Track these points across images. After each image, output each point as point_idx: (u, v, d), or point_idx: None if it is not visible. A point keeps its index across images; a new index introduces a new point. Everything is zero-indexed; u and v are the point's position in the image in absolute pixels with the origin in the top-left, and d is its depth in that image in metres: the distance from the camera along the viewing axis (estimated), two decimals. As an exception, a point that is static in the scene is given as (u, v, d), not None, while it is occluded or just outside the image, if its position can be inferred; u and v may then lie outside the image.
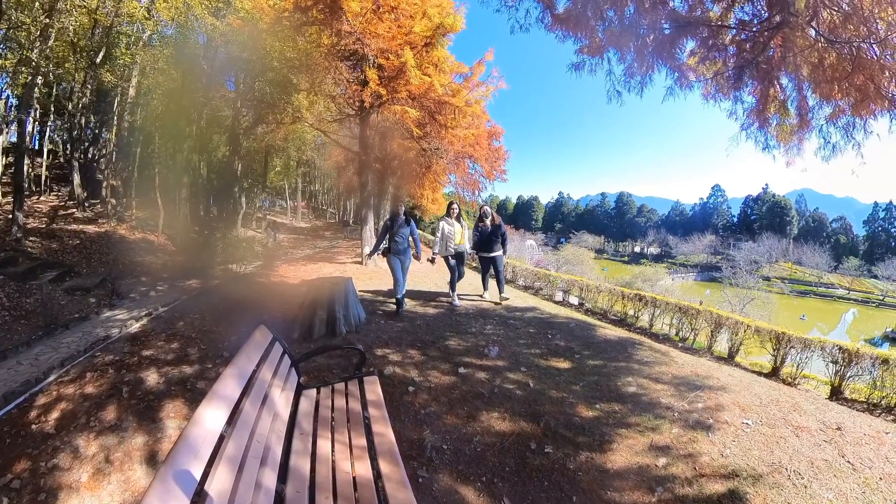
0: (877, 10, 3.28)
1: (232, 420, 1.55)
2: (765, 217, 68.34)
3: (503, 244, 7.07)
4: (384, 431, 2.01)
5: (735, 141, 4.98)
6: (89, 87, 12.55)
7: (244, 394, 1.71)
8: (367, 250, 13.36)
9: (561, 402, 3.31)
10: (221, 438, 1.40)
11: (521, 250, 34.76)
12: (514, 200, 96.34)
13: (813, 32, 3.73)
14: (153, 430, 3.03)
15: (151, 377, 3.80)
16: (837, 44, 3.64)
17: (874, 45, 3.49)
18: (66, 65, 11.87)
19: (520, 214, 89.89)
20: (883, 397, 4.89)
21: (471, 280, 8.26)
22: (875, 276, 52.43)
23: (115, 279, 8.34)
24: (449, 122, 12.34)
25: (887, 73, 3.55)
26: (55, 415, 3.27)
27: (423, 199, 16.67)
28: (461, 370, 3.81)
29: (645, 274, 36.63)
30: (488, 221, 6.96)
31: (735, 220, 75.44)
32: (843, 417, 3.41)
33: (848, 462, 2.69)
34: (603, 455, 2.67)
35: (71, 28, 11.08)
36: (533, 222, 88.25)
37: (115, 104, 13.59)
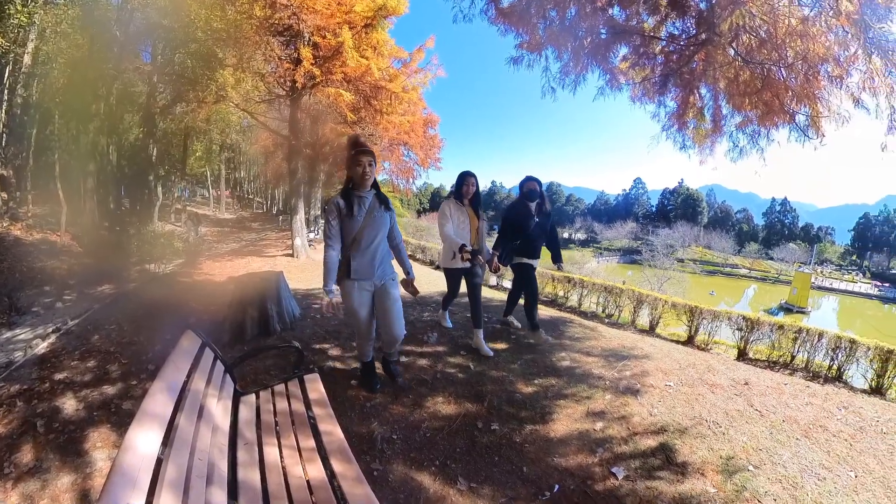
0: (788, 40, 3.80)
1: (168, 440, 1.41)
2: (680, 207, 76.47)
3: (552, 241, 4.54)
4: (332, 430, 1.96)
5: (656, 140, 5.48)
6: (-27, 52, 10.35)
7: (177, 409, 1.57)
8: (297, 242, 12.55)
9: (502, 380, 3.42)
10: (159, 462, 1.27)
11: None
12: (448, 188, 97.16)
13: (732, 52, 4.21)
14: (80, 465, 2.64)
15: (69, 404, 3.34)
16: (752, 64, 4.17)
17: (782, 69, 4.05)
18: (-55, 23, 9.72)
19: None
20: (780, 356, 5.82)
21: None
22: (771, 258, 63.00)
23: (13, 291, 7.10)
24: (385, 108, 12.03)
25: (790, 93, 4.16)
26: (-40, 467, 2.75)
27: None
28: (402, 358, 3.81)
29: (573, 258, 38.48)
30: (538, 201, 4.21)
31: (654, 209, 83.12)
32: (749, 374, 3.92)
33: (756, 410, 3.13)
34: (546, 426, 2.83)
35: (-49, -24, 9.08)
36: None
37: (6, 74, 11.14)
